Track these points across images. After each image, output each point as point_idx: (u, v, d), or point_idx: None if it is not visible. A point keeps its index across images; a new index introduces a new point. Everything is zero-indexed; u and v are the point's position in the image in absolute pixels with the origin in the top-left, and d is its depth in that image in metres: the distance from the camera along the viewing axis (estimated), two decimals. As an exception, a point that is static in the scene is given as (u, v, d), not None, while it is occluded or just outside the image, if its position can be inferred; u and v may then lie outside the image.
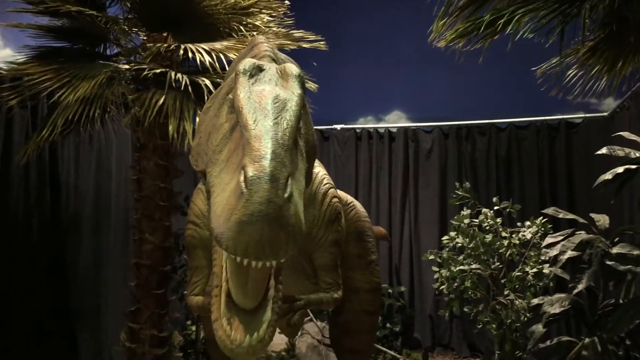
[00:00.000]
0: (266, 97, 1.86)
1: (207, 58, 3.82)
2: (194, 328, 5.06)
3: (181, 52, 3.93)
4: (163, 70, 3.93)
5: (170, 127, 3.76)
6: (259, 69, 2.02)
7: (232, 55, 4.02)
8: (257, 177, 1.53)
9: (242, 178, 1.55)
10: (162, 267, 4.29)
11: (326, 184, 2.88)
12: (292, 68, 2.07)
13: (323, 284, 2.82)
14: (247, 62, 2.03)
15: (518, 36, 3.48)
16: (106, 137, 5.22)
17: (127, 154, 5.56)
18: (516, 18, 3.25)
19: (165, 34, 4.32)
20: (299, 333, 5.89)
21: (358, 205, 3.82)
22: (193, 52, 3.86)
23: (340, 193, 3.81)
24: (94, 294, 5.25)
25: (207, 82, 3.87)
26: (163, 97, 3.82)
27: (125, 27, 4.35)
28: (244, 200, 1.51)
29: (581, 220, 3.94)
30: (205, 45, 3.96)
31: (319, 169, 2.90)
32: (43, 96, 4.10)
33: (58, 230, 4.94)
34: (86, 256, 5.22)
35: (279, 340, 5.88)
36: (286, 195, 1.55)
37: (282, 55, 2.47)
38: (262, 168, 1.55)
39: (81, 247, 5.18)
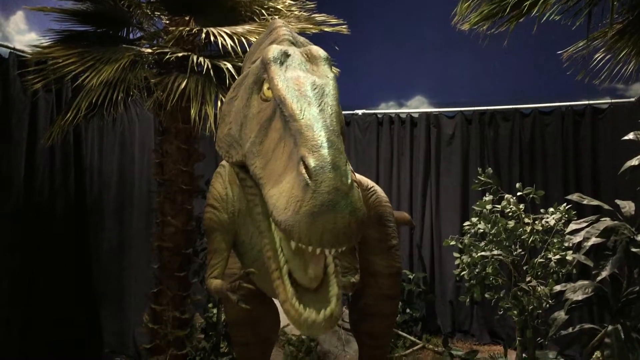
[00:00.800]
0: (304, 83, 1.88)
1: (229, 42, 3.81)
2: (215, 310, 5.11)
3: (203, 35, 3.93)
4: (185, 54, 3.94)
5: (192, 111, 3.77)
6: (286, 55, 2.03)
7: (253, 39, 4.01)
8: (320, 167, 1.55)
9: (302, 169, 1.57)
10: (184, 250, 4.33)
11: None
12: (319, 51, 2.08)
13: (341, 268, 2.83)
14: (274, 50, 2.03)
15: (544, 18, 3.42)
16: (129, 120, 5.27)
17: (150, 137, 5.61)
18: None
19: (187, 18, 4.33)
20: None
21: (379, 189, 3.81)
22: (215, 36, 3.86)
23: (361, 178, 3.81)
24: (117, 276, 5.34)
25: (229, 65, 3.86)
26: (185, 81, 3.83)
27: (148, 11, 4.37)
28: (311, 191, 1.53)
29: (606, 206, 3.88)
30: (227, 29, 3.95)
31: None
32: (67, 80, 4.14)
33: (82, 213, 5.02)
34: (110, 238, 5.30)
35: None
36: (349, 181, 1.58)
37: (301, 39, 2.46)
38: (322, 157, 1.58)
39: (105, 230, 5.25)
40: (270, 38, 2.42)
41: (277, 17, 4.40)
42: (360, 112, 7.51)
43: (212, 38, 3.88)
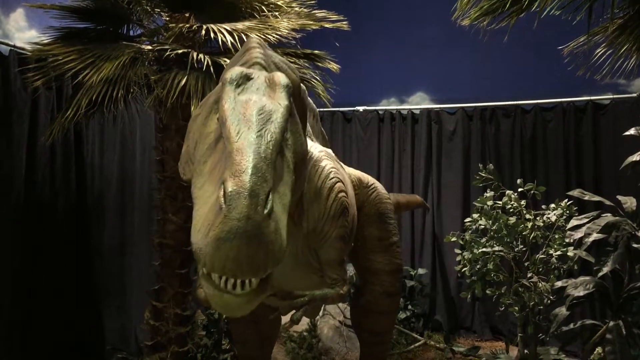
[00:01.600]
0: (251, 107, 1.83)
1: (229, 38, 3.80)
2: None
3: (203, 32, 3.92)
4: (185, 50, 3.93)
5: (193, 108, 3.76)
6: (247, 78, 1.97)
7: (253, 36, 4.00)
8: (236, 193, 1.50)
9: (221, 193, 1.53)
10: (185, 247, 4.33)
11: (332, 178, 2.82)
12: (280, 77, 2.01)
13: (328, 279, 2.80)
14: (235, 71, 1.98)
15: (544, 13, 3.41)
16: (130, 118, 5.26)
17: (151, 134, 5.61)
18: (543, -5, 3.18)
19: (187, 15, 4.32)
20: (320, 314, 5.93)
21: (380, 186, 3.81)
22: (215, 33, 3.85)
23: (362, 174, 3.80)
24: (118, 273, 5.34)
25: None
26: (185, 78, 3.82)
27: (148, 7, 4.37)
28: (222, 216, 1.48)
29: (607, 202, 3.87)
30: (227, 26, 3.94)
31: (326, 162, 2.85)
32: (67, 77, 4.15)
33: (83, 210, 5.02)
34: (111, 236, 5.30)
35: (301, 321, 5.91)
36: (266, 211, 1.52)
37: (277, 59, 2.42)
38: (242, 183, 1.52)
39: (106, 227, 5.26)
40: (242, 59, 2.38)
41: (277, 13, 4.40)
42: (361, 108, 7.50)
43: (212, 35, 3.87)
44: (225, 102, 1.85)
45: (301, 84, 2.59)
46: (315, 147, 2.95)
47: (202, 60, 3.86)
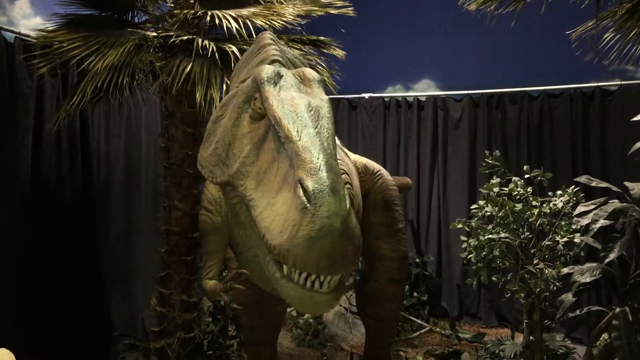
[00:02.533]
0: (299, 105, 1.86)
1: (234, 25, 3.78)
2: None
3: (208, 18, 3.90)
4: (190, 37, 3.91)
5: (198, 95, 3.75)
6: (279, 75, 1.99)
7: (259, 22, 3.98)
8: (319, 190, 1.52)
9: (300, 192, 1.55)
10: (191, 234, 4.33)
11: None
12: (312, 73, 2.05)
13: None
14: (267, 69, 2.01)
15: (552, -2, 3.38)
16: (135, 105, 5.25)
17: (156, 122, 5.61)
18: (551, -22, 3.15)
19: (192, 1, 4.29)
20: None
21: (385, 173, 3.81)
22: (220, 19, 3.83)
23: (368, 161, 3.80)
24: (125, 260, 5.37)
25: (234, 48, 3.84)
26: (190, 65, 3.81)
27: (153, -7, 4.35)
28: (310, 214, 1.50)
29: (615, 188, 3.86)
30: (232, 12, 3.92)
31: None
32: (73, 64, 4.13)
33: (89, 197, 5.03)
34: (117, 222, 5.32)
35: (307, 308, 5.93)
36: (348, 206, 1.55)
37: (291, 54, 2.42)
38: (321, 180, 1.55)
39: (112, 214, 5.27)
40: (259, 57, 2.37)
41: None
42: (367, 95, 7.48)
43: (217, 21, 3.84)
44: (273, 102, 1.87)
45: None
46: None
47: (207, 46, 3.84)
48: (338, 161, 2.87)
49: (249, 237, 2.59)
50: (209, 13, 3.88)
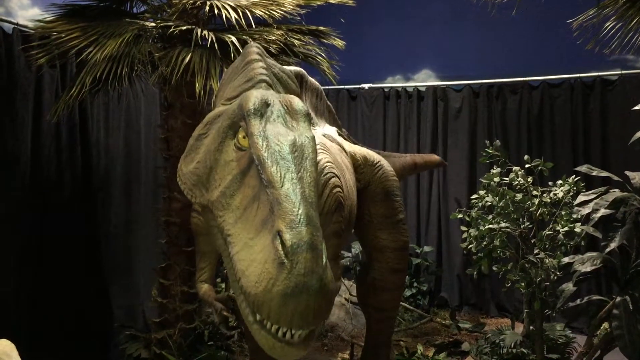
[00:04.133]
0: (283, 144, 1.85)
1: (233, 15, 3.78)
2: (223, 285, 5.15)
3: (207, 8, 3.90)
4: (189, 27, 3.91)
5: (197, 85, 3.75)
6: (266, 105, 1.98)
7: (258, 12, 3.97)
8: (297, 246, 1.53)
9: (278, 244, 1.55)
10: (191, 225, 4.34)
11: (327, 173, 2.83)
12: (299, 104, 2.03)
13: None
14: (254, 100, 1.98)
15: (554, -14, 3.35)
16: (134, 96, 5.23)
17: (156, 112, 5.59)
18: (552, -34, 3.12)
19: (191, -9, 4.27)
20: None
21: (385, 164, 3.80)
22: (219, 9, 3.83)
23: (368, 152, 3.79)
24: (125, 251, 5.36)
25: (234, 39, 3.83)
26: (189, 55, 3.80)
27: (151, -16, 4.33)
28: (286, 271, 1.50)
29: (615, 178, 3.85)
30: (231, 2, 3.92)
31: (321, 157, 2.84)
32: (71, 55, 4.12)
33: (89, 189, 5.02)
34: (117, 214, 5.31)
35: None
36: (324, 262, 1.56)
37: (277, 69, 2.41)
38: (300, 236, 1.55)
39: (112, 205, 5.26)
40: (245, 74, 2.36)
41: None
42: (366, 86, 7.45)
43: (216, 11, 3.84)
44: (258, 140, 1.86)
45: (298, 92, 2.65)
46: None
47: (207, 36, 3.83)
48: (329, 163, 2.88)
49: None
50: (208, 3, 3.88)
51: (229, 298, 2.68)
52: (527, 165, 4.35)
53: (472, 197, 4.61)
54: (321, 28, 4.57)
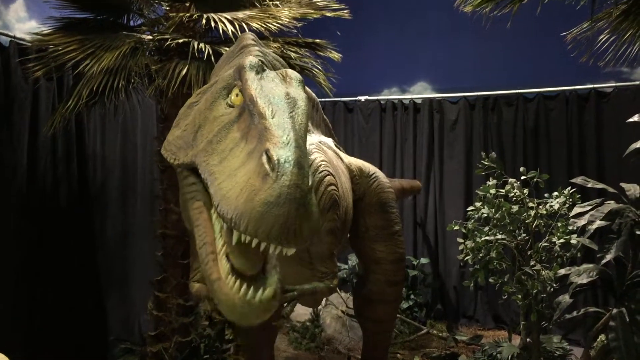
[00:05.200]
0: (278, 92, 1.85)
1: (229, 27, 3.78)
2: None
3: (204, 21, 3.90)
4: (186, 40, 3.91)
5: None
6: (262, 68, 2.00)
7: (255, 25, 3.98)
8: (284, 161, 1.50)
9: (265, 160, 1.52)
10: (187, 238, 4.32)
11: (322, 171, 2.83)
12: (294, 73, 2.04)
13: (318, 273, 2.79)
14: (253, 60, 2.00)
15: (547, -1, 3.38)
16: (131, 108, 5.24)
17: (152, 125, 5.60)
18: (546, -20, 3.15)
19: (187, 4, 4.29)
20: (323, 304, 5.94)
21: (381, 176, 3.81)
22: (216, 22, 3.83)
23: (363, 164, 3.80)
24: (121, 264, 5.35)
25: (230, 51, 3.84)
26: (186, 68, 3.81)
27: (148, -3, 4.34)
28: (271, 181, 1.47)
29: (611, 189, 3.87)
30: (227, 15, 3.92)
31: (315, 155, 2.85)
32: (68, 67, 4.13)
33: (85, 201, 5.01)
34: (113, 226, 5.30)
35: (304, 311, 5.94)
36: (310, 183, 1.53)
37: (271, 57, 2.43)
38: (289, 153, 1.53)
39: (108, 217, 5.25)
40: (241, 57, 2.37)
41: (278, 2, 4.37)
42: (363, 98, 7.49)
43: (212, 24, 3.85)
44: (252, 84, 1.87)
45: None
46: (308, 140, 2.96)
47: (203, 49, 3.84)
48: (324, 162, 2.88)
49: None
50: (205, 16, 3.88)
51: None
52: (523, 177, 4.37)
53: (469, 208, 4.61)
54: (317, 41, 4.59)
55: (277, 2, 4.36)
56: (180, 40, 3.90)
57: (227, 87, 2.03)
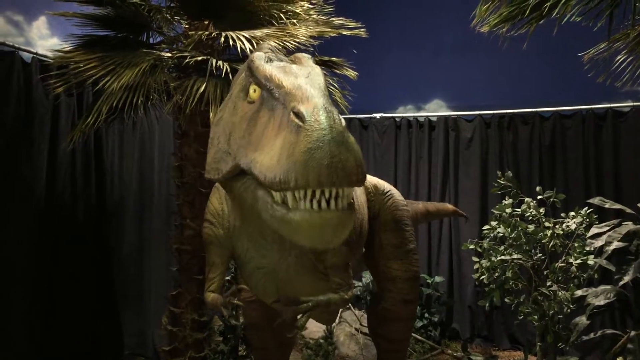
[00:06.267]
0: (290, 68, 1.92)
1: (247, 45, 3.82)
2: (234, 313, 5.13)
3: (222, 39, 3.95)
4: (204, 57, 3.96)
5: (211, 115, 3.78)
6: (270, 59, 2.04)
7: (272, 43, 4.00)
8: (312, 111, 1.53)
9: (293, 117, 1.55)
10: (202, 253, 4.33)
11: None
12: (302, 54, 2.09)
13: (333, 284, 2.79)
14: (259, 53, 2.07)
15: (565, 20, 3.38)
16: (149, 124, 5.31)
17: (169, 141, 5.65)
18: (563, 1, 3.16)
19: (206, 22, 4.36)
20: (337, 321, 5.92)
21: (396, 193, 3.80)
22: (234, 40, 3.88)
23: (378, 181, 3.80)
24: (137, 278, 5.38)
25: (248, 69, 3.88)
26: (204, 85, 3.85)
27: (168, 15, 4.41)
28: (305, 130, 1.50)
29: (628, 210, 3.83)
30: (245, 33, 3.97)
31: None
32: (88, 84, 4.20)
33: (102, 216, 5.07)
34: (130, 241, 5.34)
35: (317, 328, 5.92)
36: (343, 123, 1.55)
37: (282, 56, 2.47)
38: (314, 103, 1.57)
39: (125, 232, 5.30)
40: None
41: (295, 21, 4.42)
42: (378, 115, 7.50)
43: (230, 42, 3.89)
44: (265, 67, 1.92)
45: None
46: None
47: (221, 67, 3.88)
48: None
49: (251, 248, 2.58)
50: (223, 34, 3.93)
51: (238, 290, 2.65)
52: (539, 197, 4.35)
53: (484, 227, 4.59)
54: (334, 59, 4.63)
55: (295, 21, 4.40)
56: (199, 58, 3.94)
57: (243, 88, 2.08)
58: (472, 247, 4.51)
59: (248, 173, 1.83)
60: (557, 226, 4.20)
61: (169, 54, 4.19)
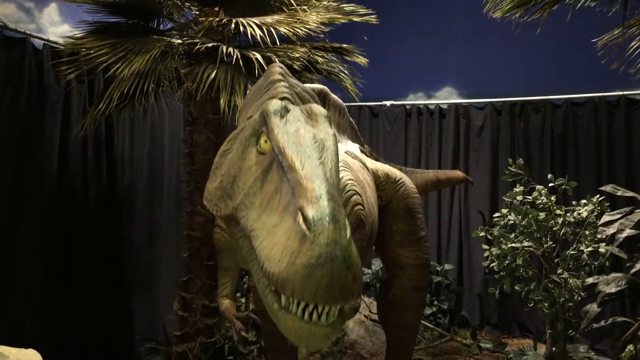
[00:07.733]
0: (304, 136, 1.85)
1: (258, 32, 3.82)
2: (243, 300, 5.16)
3: (232, 26, 3.95)
4: (215, 44, 3.96)
5: (222, 102, 3.79)
6: (286, 109, 2.00)
7: (282, 30, 4.02)
8: (319, 218, 1.49)
9: (300, 219, 1.52)
10: (212, 239, 4.37)
11: (349, 191, 2.84)
12: (319, 108, 2.05)
13: None
14: (275, 103, 2.01)
15: (579, 5, 3.34)
16: (159, 111, 5.32)
17: (180, 128, 5.66)
18: (577, -14, 3.12)
19: (216, 9, 4.35)
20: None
21: (407, 181, 3.80)
22: (244, 26, 3.88)
23: (390, 169, 3.80)
24: (147, 264, 5.41)
25: (258, 56, 3.87)
26: (215, 72, 3.85)
27: (178, 2, 4.41)
28: (309, 242, 1.46)
29: (641, 198, 3.81)
30: (256, 19, 3.97)
31: (344, 173, 2.86)
32: (99, 70, 4.21)
33: (113, 202, 5.09)
34: (140, 227, 5.37)
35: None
36: (348, 235, 1.51)
37: (299, 89, 2.43)
38: (322, 209, 1.52)
39: (135, 218, 5.32)
40: (268, 93, 2.39)
41: (305, 7, 4.40)
42: (388, 103, 7.47)
43: (241, 28, 3.89)
44: (278, 132, 1.87)
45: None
46: None
47: (232, 53, 3.88)
48: (351, 181, 2.89)
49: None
50: (234, 21, 3.93)
51: (249, 317, 2.68)
52: (550, 184, 4.32)
53: (495, 215, 4.58)
54: (344, 45, 4.61)
55: (305, 7, 4.38)
56: (210, 45, 3.95)
57: (255, 133, 2.04)
58: (482, 234, 4.50)
59: (251, 242, 1.81)
60: (568, 214, 4.18)
61: (180, 41, 4.19)
